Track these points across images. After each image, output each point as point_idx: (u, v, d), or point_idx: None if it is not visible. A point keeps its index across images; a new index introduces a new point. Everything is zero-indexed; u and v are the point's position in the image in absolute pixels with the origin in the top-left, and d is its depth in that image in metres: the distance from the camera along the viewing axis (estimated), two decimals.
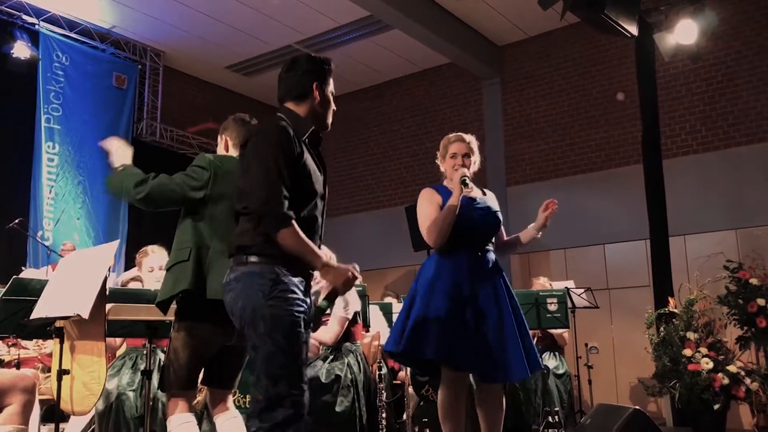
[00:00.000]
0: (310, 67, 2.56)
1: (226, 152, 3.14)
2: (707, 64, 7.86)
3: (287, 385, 2.24)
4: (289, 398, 2.23)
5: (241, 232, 2.40)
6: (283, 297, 2.30)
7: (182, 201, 2.89)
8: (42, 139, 8.33)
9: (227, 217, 2.85)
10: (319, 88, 2.54)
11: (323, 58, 2.62)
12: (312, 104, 2.54)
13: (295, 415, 2.23)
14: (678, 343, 5.14)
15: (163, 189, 2.86)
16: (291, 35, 9.05)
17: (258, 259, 2.33)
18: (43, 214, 8.18)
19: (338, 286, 2.35)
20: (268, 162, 2.31)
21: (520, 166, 9.19)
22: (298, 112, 2.52)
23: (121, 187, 2.90)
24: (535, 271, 8.16)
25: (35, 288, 3.33)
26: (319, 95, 2.54)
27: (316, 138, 2.55)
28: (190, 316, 2.83)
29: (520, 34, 9.24)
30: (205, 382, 3.07)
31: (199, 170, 2.92)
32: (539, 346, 6.01)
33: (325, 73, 2.58)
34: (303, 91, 2.53)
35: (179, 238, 2.91)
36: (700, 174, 7.78)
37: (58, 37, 8.63)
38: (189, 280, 2.75)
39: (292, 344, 2.28)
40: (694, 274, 5.74)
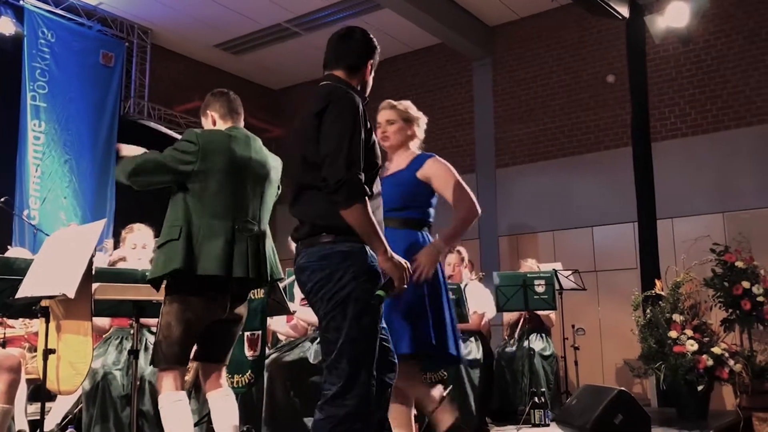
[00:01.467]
0: (367, 42, 2.59)
1: (214, 127, 3.14)
2: (697, 48, 7.85)
3: (366, 371, 2.23)
4: (365, 385, 2.22)
5: (319, 210, 2.29)
6: (373, 281, 2.27)
7: (171, 177, 2.88)
8: (28, 117, 8.22)
9: (218, 191, 2.85)
10: (371, 66, 2.58)
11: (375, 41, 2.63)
12: (361, 79, 2.55)
13: (366, 404, 2.21)
14: (664, 325, 5.19)
15: (150, 163, 2.87)
16: (281, 14, 8.96)
17: (346, 238, 2.25)
18: (30, 193, 8.10)
19: (395, 278, 2.29)
20: (349, 131, 2.24)
21: (509, 147, 9.19)
22: (351, 83, 2.49)
23: (120, 170, 2.94)
24: (523, 253, 8.19)
25: (20, 267, 3.31)
26: (369, 73, 2.57)
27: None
28: (183, 291, 2.83)
29: (512, 14, 9.19)
30: (198, 358, 3.09)
31: (188, 144, 2.91)
32: (526, 327, 6.05)
33: (375, 54, 2.61)
34: (357, 63, 2.53)
35: (170, 216, 2.91)
36: (689, 157, 7.81)
37: (43, 13, 8.49)
38: (180, 258, 2.76)
39: (374, 331, 2.28)
40: (681, 257, 5.79)
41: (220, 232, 2.84)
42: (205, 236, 2.82)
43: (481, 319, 5.82)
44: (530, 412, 5.01)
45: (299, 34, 9.46)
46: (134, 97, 9.37)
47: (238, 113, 3.19)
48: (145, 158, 2.88)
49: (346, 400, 2.19)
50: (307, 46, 9.62)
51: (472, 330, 5.71)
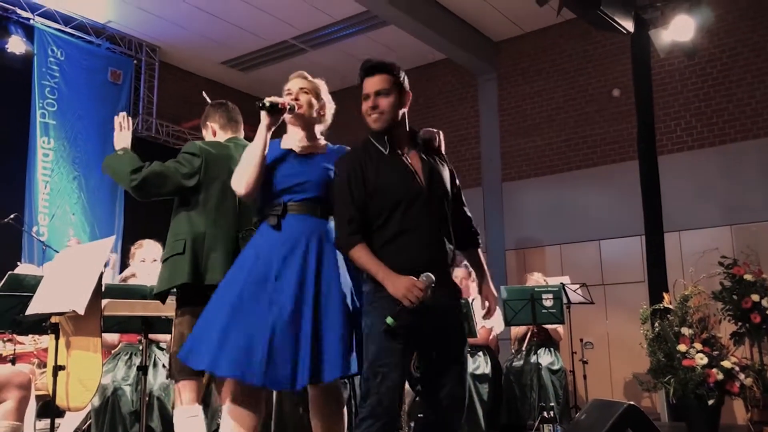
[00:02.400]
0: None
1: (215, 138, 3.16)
2: (702, 61, 7.87)
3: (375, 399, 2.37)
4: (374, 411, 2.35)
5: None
6: (379, 314, 2.39)
7: (175, 189, 2.89)
8: (37, 135, 8.29)
9: (220, 201, 2.87)
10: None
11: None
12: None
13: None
14: (672, 339, 5.16)
15: (157, 176, 2.88)
16: (287, 31, 9.03)
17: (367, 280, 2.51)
18: (39, 210, 8.16)
19: (398, 297, 2.34)
20: (338, 196, 2.57)
21: (515, 161, 9.20)
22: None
23: (116, 170, 2.94)
24: (530, 267, 8.17)
25: (30, 284, 3.34)
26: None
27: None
28: (193, 302, 2.84)
29: (516, 30, 9.24)
30: None
31: (190, 157, 2.93)
32: (534, 341, 6.04)
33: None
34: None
35: (174, 230, 2.92)
36: (695, 170, 7.80)
37: (53, 32, 8.59)
38: (186, 272, 2.77)
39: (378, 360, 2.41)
40: (689, 270, 5.77)
41: (224, 242, 2.85)
42: (210, 247, 2.83)
43: (489, 334, 5.82)
44: (539, 427, 4.99)
45: (305, 50, 9.53)
46: (142, 114, 9.45)
47: (237, 122, 3.21)
48: (152, 170, 2.89)
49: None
50: (313, 63, 9.68)
51: (480, 344, 5.71)
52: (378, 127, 2.57)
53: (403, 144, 2.60)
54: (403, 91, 2.62)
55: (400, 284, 2.33)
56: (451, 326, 2.54)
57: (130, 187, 2.88)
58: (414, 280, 2.33)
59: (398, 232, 2.45)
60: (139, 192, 2.89)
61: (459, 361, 2.52)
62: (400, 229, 2.45)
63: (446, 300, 2.54)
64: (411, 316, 2.34)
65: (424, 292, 2.33)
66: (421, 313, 2.37)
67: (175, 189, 2.89)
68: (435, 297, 2.40)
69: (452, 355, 2.51)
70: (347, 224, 2.46)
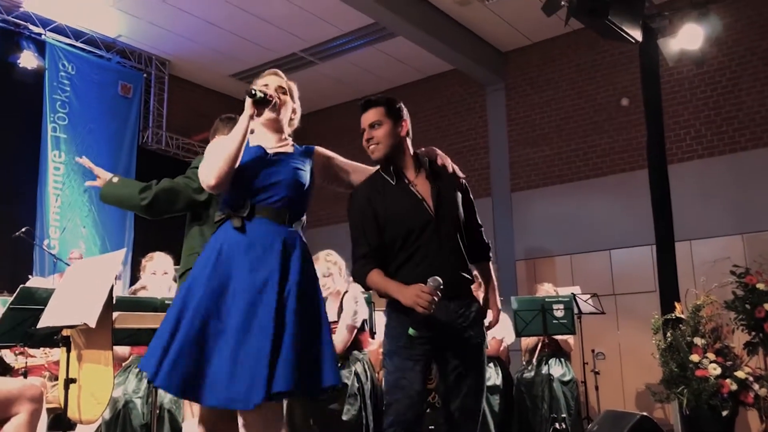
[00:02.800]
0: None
1: None
2: (712, 69, 7.85)
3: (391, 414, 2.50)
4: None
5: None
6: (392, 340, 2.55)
7: (186, 205, 2.90)
8: (48, 148, 8.37)
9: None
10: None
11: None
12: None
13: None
14: (685, 349, 5.11)
15: (168, 193, 2.88)
16: (295, 43, 9.08)
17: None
18: (50, 223, 8.21)
19: (410, 305, 2.41)
20: (352, 231, 2.66)
21: (524, 171, 9.19)
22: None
23: (123, 196, 2.90)
24: (540, 277, 8.14)
25: (42, 297, 3.35)
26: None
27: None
28: None
29: (524, 40, 9.25)
30: None
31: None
32: (545, 352, 6.00)
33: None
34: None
35: (187, 245, 2.93)
36: (706, 179, 7.76)
37: (64, 47, 8.68)
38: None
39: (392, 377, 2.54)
40: (701, 280, 5.72)
41: None
42: None
43: (499, 345, 5.79)
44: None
45: (314, 63, 9.57)
46: (152, 127, 9.51)
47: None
48: (163, 188, 2.89)
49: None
50: (322, 74, 9.73)
51: (491, 356, 5.68)
52: (377, 156, 2.64)
53: (410, 171, 2.67)
54: (398, 119, 2.69)
55: (408, 293, 2.41)
56: (470, 341, 2.59)
57: (141, 207, 2.86)
58: (421, 286, 2.40)
59: (409, 258, 2.55)
60: (150, 210, 2.87)
61: (475, 374, 2.57)
62: (411, 255, 2.55)
63: (464, 316, 2.59)
64: (430, 326, 2.44)
65: (432, 295, 2.37)
66: (441, 327, 2.48)
67: (186, 204, 2.90)
68: (451, 313, 2.51)
69: (468, 369, 2.56)
70: (361, 258, 2.57)
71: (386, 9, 7.68)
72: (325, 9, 8.24)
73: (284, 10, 8.28)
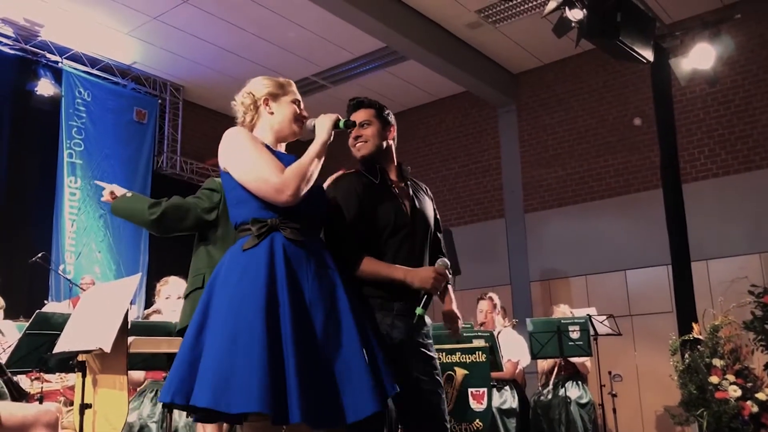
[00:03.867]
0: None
1: None
2: (724, 88, 7.83)
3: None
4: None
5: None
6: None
7: (195, 224, 2.91)
8: (64, 174, 8.46)
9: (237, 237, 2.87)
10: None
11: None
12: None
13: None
14: (704, 371, 5.04)
15: (177, 209, 2.90)
16: (308, 68, 9.16)
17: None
18: (65, 248, 8.27)
19: (427, 286, 2.42)
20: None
21: (537, 192, 9.17)
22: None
23: (133, 210, 2.92)
24: (555, 299, 8.08)
25: (58, 322, 3.36)
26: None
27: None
28: None
29: (535, 61, 9.28)
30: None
31: (210, 192, 2.96)
32: (562, 374, 5.94)
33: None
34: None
35: (194, 265, 2.94)
36: (721, 198, 7.71)
37: (80, 74, 8.81)
38: None
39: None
40: (718, 300, 5.65)
41: None
42: None
43: (515, 367, 5.74)
44: None
45: (326, 87, 9.65)
46: (167, 152, 9.60)
47: None
48: (172, 204, 2.91)
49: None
50: (334, 98, 9.79)
51: (506, 378, 5.63)
52: (362, 154, 2.66)
53: (392, 175, 2.69)
54: (387, 124, 2.71)
55: (425, 275, 2.43)
56: (429, 349, 2.60)
57: (149, 221, 2.86)
58: (434, 268, 2.46)
59: (379, 257, 2.51)
60: (158, 225, 2.87)
61: (434, 371, 2.57)
62: (382, 255, 2.52)
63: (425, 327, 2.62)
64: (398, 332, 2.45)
65: (444, 276, 2.45)
66: (412, 328, 2.49)
67: (194, 223, 2.91)
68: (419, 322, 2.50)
69: (430, 367, 2.56)
70: (349, 243, 2.49)
71: (397, 33, 7.75)
72: (338, 34, 8.32)
73: (297, 36, 8.37)
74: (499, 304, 6.03)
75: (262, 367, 1.99)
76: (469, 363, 4.47)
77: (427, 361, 2.53)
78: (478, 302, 5.99)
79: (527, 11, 7.94)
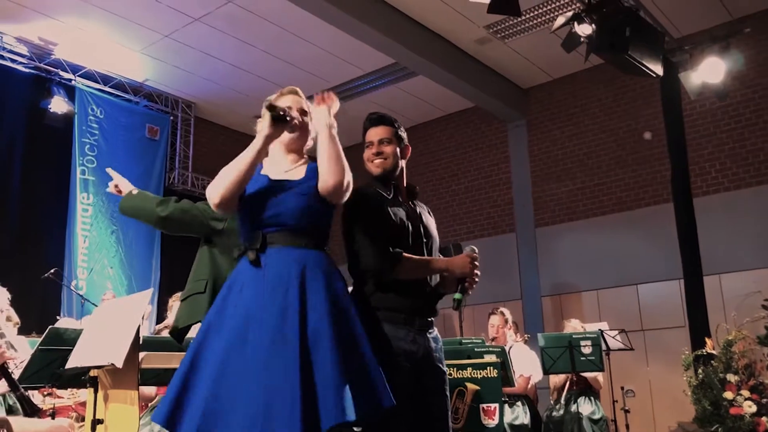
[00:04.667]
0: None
1: None
2: (735, 102, 7.81)
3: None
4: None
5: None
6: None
7: (201, 227, 2.89)
8: (77, 191, 8.52)
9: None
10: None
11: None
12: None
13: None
14: (718, 386, 4.99)
15: (185, 212, 2.87)
16: (318, 84, 9.21)
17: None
18: (78, 264, 8.32)
19: (467, 273, 2.50)
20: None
21: (548, 206, 9.16)
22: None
23: (140, 207, 2.92)
24: (566, 314, 8.04)
25: (70, 337, 3.38)
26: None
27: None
28: None
29: (545, 76, 9.30)
30: None
31: None
32: (574, 390, 5.90)
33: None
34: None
35: (196, 270, 2.89)
36: (733, 211, 7.67)
37: (93, 92, 8.91)
38: (206, 311, 2.75)
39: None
40: (731, 314, 5.61)
41: None
42: None
43: (527, 383, 5.71)
44: None
45: None
46: (179, 168, 9.66)
47: None
48: (181, 206, 2.88)
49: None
50: (344, 114, 9.83)
51: (518, 394, 5.60)
52: (380, 171, 2.66)
53: (403, 195, 2.73)
54: (403, 144, 2.75)
55: (462, 261, 2.52)
56: (440, 367, 2.59)
57: (157, 217, 2.85)
58: (467, 254, 2.54)
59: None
60: (165, 223, 2.86)
61: (445, 386, 2.58)
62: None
63: (437, 342, 2.61)
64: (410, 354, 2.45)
65: (476, 260, 2.54)
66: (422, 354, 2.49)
67: (200, 227, 2.87)
68: (429, 341, 2.53)
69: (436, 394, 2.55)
70: (382, 245, 2.47)
71: (407, 49, 7.80)
72: (347, 50, 8.38)
73: (307, 52, 8.44)
74: (511, 319, 6.01)
75: (175, 387, 2.18)
76: (480, 378, 4.44)
77: (439, 376, 2.55)
78: (489, 317, 5.97)
79: (536, 27, 7.98)
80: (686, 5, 7.61)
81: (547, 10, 7.66)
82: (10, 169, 8.05)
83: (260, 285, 2.23)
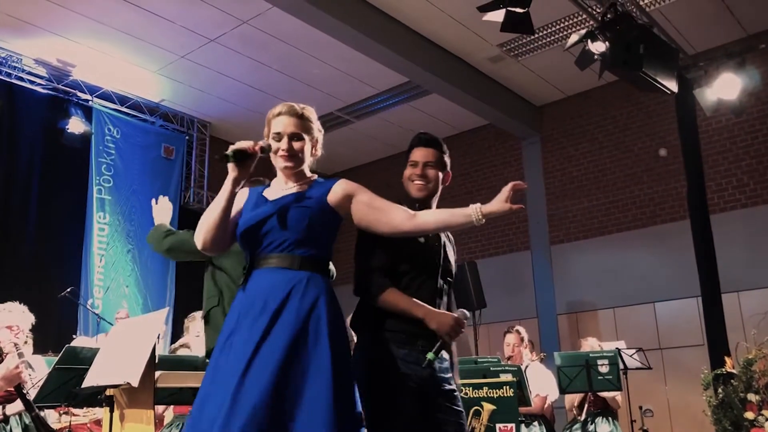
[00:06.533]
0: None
1: None
2: (751, 118, 7.77)
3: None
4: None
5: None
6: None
7: (201, 256, 2.98)
8: (93, 210, 8.60)
9: (235, 266, 3.05)
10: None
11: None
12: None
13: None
14: (739, 406, 4.91)
15: (183, 243, 3.17)
16: (332, 103, 9.27)
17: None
18: (94, 283, 8.37)
19: (443, 334, 2.39)
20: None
21: (563, 224, 9.11)
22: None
23: (154, 240, 3.32)
24: (583, 332, 7.97)
25: (87, 356, 3.39)
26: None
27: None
28: None
29: (558, 93, 9.30)
30: None
31: None
32: (591, 409, 5.83)
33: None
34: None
35: (207, 288, 3.16)
36: (751, 228, 7.59)
37: (110, 112, 9.01)
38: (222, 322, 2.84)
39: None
40: (751, 332, 5.53)
41: None
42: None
43: (543, 402, 5.65)
44: None
45: (350, 121, 9.74)
46: (194, 187, 9.73)
47: None
48: (180, 239, 3.16)
49: None
50: (359, 132, 9.89)
51: (535, 414, 5.54)
52: (421, 195, 2.66)
53: None
54: (446, 170, 2.77)
55: (445, 320, 2.40)
56: (449, 377, 2.55)
57: (162, 251, 3.24)
58: (455, 317, 2.42)
59: (403, 291, 2.48)
60: (169, 254, 3.24)
61: (456, 403, 2.53)
62: (405, 289, 2.49)
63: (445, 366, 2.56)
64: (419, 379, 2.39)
65: (462, 327, 2.42)
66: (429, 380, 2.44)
67: (201, 257, 3.12)
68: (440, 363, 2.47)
69: (451, 401, 2.52)
70: (379, 270, 2.46)
71: (420, 68, 7.84)
72: (361, 69, 8.43)
73: (321, 72, 8.50)
74: (527, 338, 5.96)
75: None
76: (496, 398, 4.40)
77: (448, 394, 2.51)
78: (504, 336, 5.92)
79: (549, 44, 7.99)
80: (700, 21, 7.60)
81: (560, 28, 7.68)
82: (28, 189, 8.15)
83: (244, 310, 2.20)
